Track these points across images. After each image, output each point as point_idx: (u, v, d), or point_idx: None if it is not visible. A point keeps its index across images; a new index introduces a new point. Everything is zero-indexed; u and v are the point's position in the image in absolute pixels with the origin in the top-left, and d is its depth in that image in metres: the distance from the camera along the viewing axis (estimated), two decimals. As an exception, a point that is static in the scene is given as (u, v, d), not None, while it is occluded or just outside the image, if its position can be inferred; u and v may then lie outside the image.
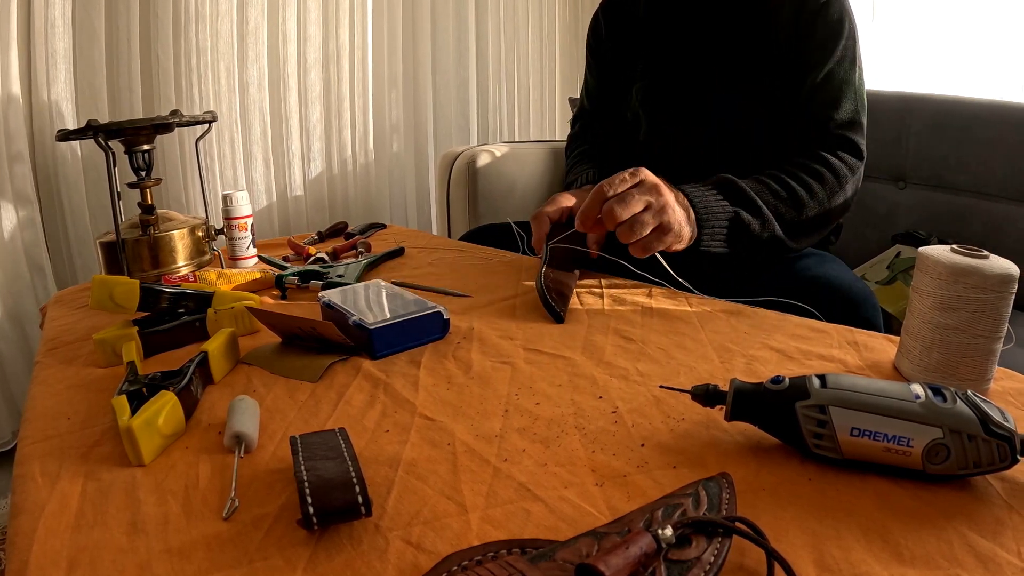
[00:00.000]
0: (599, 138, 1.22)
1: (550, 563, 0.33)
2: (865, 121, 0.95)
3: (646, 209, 0.71)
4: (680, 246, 0.77)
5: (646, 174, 0.73)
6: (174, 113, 0.98)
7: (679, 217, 0.75)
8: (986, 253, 0.55)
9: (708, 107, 1.01)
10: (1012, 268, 0.53)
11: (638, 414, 0.53)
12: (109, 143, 0.89)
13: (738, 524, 0.36)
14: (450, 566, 0.35)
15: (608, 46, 1.16)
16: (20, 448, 0.51)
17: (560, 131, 2.50)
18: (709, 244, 0.80)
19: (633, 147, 1.14)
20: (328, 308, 0.74)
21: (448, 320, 0.71)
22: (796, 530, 0.38)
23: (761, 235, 0.84)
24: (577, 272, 0.88)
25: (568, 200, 0.89)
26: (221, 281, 0.91)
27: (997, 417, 0.40)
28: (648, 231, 0.72)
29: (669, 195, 0.74)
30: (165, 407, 0.49)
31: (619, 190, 0.71)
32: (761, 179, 0.87)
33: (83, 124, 0.88)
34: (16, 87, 1.37)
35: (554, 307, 0.75)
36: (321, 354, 0.66)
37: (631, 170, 0.73)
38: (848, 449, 0.43)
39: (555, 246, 0.85)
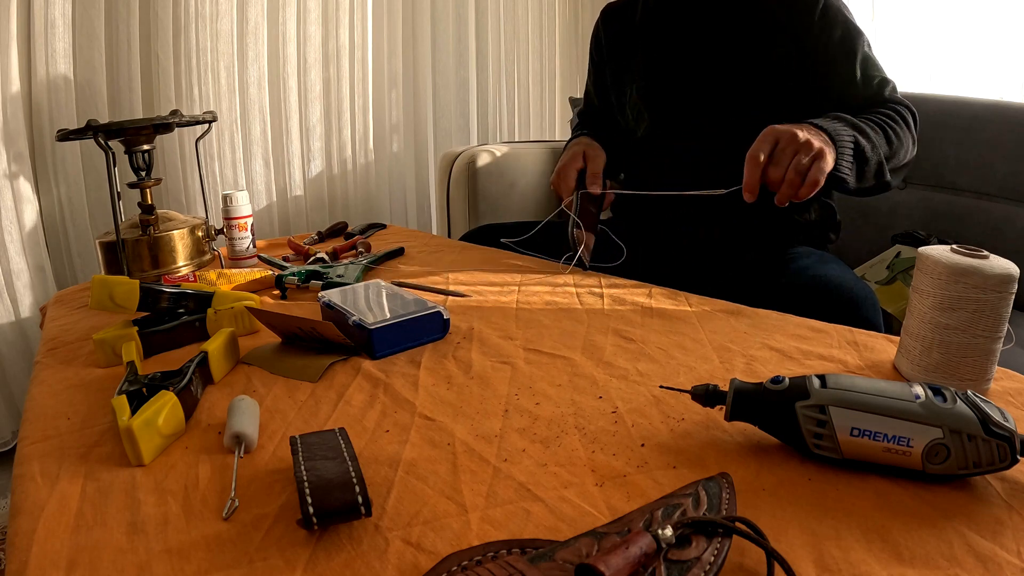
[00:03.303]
0: (599, 133, 1.23)
1: (550, 563, 0.33)
2: None
3: (797, 153, 0.77)
4: (829, 164, 0.80)
5: (778, 131, 0.78)
6: (174, 113, 0.98)
7: (820, 141, 0.79)
8: (986, 253, 0.55)
9: (704, 107, 1.02)
10: (1012, 268, 0.53)
11: (638, 414, 0.53)
12: (109, 143, 0.90)
13: (738, 524, 0.36)
14: (450, 566, 0.35)
15: (608, 53, 1.17)
16: (20, 448, 0.51)
17: (560, 131, 2.49)
18: (840, 166, 0.83)
19: (633, 147, 1.15)
20: (328, 308, 0.74)
21: (448, 320, 0.71)
22: (796, 530, 0.38)
23: (872, 159, 0.87)
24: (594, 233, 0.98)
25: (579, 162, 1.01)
26: (221, 281, 0.91)
27: (997, 417, 0.40)
28: (809, 164, 0.78)
29: (803, 132, 0.79)
30: (165, 407, 0.49)
31: (767, 153, 0.78)
32: (855, 117, 0.89)
33: (83, 124, 0.88)
34: (16, 87, 1.37)
35: (582, 258, 0.94)
36: (321, 354, 0.66)
37: (768, 135, 0.79)
38: (848, 449, 0.43)
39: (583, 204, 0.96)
